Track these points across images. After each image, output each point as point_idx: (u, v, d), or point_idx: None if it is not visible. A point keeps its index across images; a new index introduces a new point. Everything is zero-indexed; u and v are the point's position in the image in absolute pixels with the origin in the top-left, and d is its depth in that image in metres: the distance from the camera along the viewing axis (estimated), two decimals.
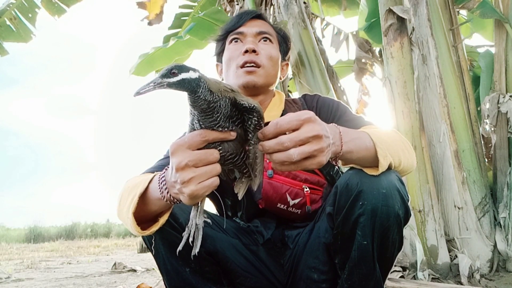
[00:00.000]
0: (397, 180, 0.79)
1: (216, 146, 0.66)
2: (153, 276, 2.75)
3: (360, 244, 0.79)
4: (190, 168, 0.63)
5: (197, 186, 0.64)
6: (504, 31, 2.26)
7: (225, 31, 1.13)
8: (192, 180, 0.63)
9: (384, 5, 2.22)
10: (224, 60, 1.11)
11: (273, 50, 1.11)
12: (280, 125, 0.64)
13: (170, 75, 0.60)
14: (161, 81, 0.60)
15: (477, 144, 2.15)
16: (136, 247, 5.65)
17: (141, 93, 0.59)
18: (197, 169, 0.63)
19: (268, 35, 1.11)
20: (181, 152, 0.64)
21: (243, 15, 1.12)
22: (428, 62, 2.15)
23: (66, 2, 3.38)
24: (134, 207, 0.75)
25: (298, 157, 0.63)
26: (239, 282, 0.95)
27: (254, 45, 1.06)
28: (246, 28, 1.10)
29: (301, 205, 0.99)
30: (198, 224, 0.71)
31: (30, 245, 8.07)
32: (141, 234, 0.78)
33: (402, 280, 1.68)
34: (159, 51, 3.02)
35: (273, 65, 1.10)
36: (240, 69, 1.05)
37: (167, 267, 0.89)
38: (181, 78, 0.60)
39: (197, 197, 0.66)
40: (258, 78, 1.06)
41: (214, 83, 0.64)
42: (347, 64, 3.41)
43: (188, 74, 0.61)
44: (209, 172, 0.64)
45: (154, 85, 0.60)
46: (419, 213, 1.97)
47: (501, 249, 1.95)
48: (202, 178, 0.64)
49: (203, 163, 0.64)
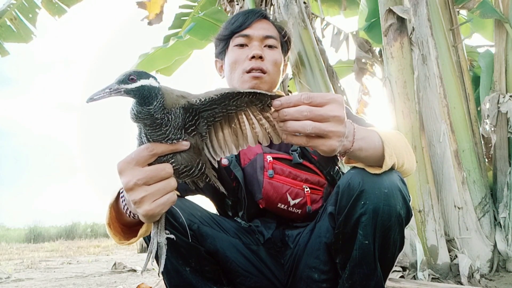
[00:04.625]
0: (399, 180, 0.79)
1: (168, 159, 0.61)
2: (153, 276, 2.75)
3: (361, 244, 0.79)
4: (140, 187, 0.59)
5: (151, 206, 0.59)
6: (504, 31, 2.26)
7: (230, 32, 1.11)
8: (144, 199, 0.59)
9: (384, 5, 2.22)
10: (228, 61, 1.10)
11: (278, 55, 1.11)
12: (306, 96, 0.62)
13: (128, 81, 0.56)
14: (118, 87, 0.56)
15: (477, 144, 2.16)
16: (136, 247, 5.64)
17: (95, 99, 0.55)
18: (149, 187, 0.59)
19: (274, 39, 1.10)
20: (129, 171, 0.59)
21: (249, 15, 1.10)
22: (428, 62, 2.15)
23: (66, 2, 3.38)
24: (108, 219, 0.74)
25: (312, 130, 0.61)
26: (239, 281, 0.95)
27: (261, 51, 1.06)
28: (253, 31, 1.09)
29: (301, 205, 0.99)
30: (160, 242, 0.65)
31: (30, 245, 8.05)
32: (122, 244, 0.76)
33: (402, 280, 1.68)
34: (159, 51, 3.02)
35: (277, 71, 1.11)
36: (246, 74, 1.05)
37: (167, 267, 0.88)
38: (140, 85, 0.56)
39: (154, 216, 0.62)
40: (263, 84, 1.06)
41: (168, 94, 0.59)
42: (347, 64, 3.41)
43: (148, 81, 0.57)
44: (163, 189, 0.60)
45: (110, 91, 0.55)
46: (419, 213, 1.97)
47: (501, 249, 1.95)
48: (156, 196, 0.59)
49: (154, 180, 0.59)
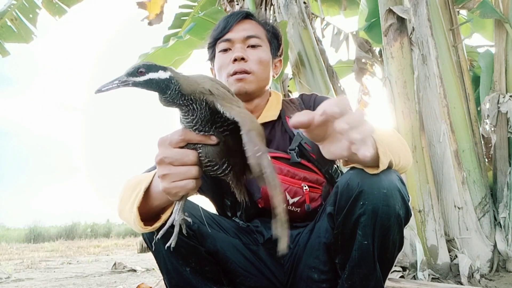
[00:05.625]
0: (397, 180, 0.79)
1: (197, 148, 0.63)
2: (153, 276, 2.75)
3: (360, 244, 0.79)
4: (166, 164, 0.63)
5: (170, 185, 0.63)
6: (504, 31, 2.26)
7: (213, 39, 1.11)
8: (166, 177, 0.63)
9: (384, 5, 2.22)
10: (216, 68, 1.11)
11: (263, 53, 1.09)
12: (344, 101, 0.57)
13: (137, 74, 0.57)
14: (126, 80, 0.57)
15: (477, 144, 2.15)
16: (136, 247, 5.65)
17: (103, 91, 0.56)
18: (172, 168, 0.63)
19: (257, 38, 1.09)
20: (162, 147, 0.64)
21: (229, 19, 1.10)
22: (428, 62, 2.15)
23: (67, 2, 3.39)
24: (139, 201, 0.75)
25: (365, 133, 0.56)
26: (239, 281, 0.95)
27: (242, 53, 1.05)
28: (233, 34, 1.08)
29: (300, 204, 0.99)
30: (176, 220, 0.69)
31: (30, 245, 8.06)
32: (144, 230, 0.78)
33: (402, 280, 1.68)
34: (159, 51, 3.02)
35: (264, 68, 1.09)
36: (231, 77, 1.05)
37: (167, 267, 0.89)
38: (148, 78, 0.57)
39: (172, 195, 0.65)
40: (249, 85, 1.05)
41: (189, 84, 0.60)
42: (347, 64, 3.41)
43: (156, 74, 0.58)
44: (183, 173, 0.63)
45: (118, 83, 0.57)
46: (419, 213, 1.97)
47: (501, 249, 1.95)
48: (176, 178, 0.63)
49: (178, 162, 0.62)
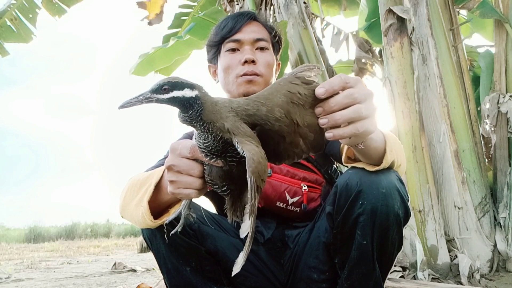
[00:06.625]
0: (396, 180, 0.79)
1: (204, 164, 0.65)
2: (153, 276, 2.75)
3: (359, 244, 0.79)
4: (174, 171, 0.65)
5: (175, 190, 0.66)
6: (504, 31, 2.26)
7: (220, 37, 1.10)
8: (172, 183, 0.66)
9: (384, 5, 2.21)
10: (221, 67, 1.11)
11: (270, 57, 1.11)
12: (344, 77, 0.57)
13: (161, 91, 0.56)
14: (150, 96, 0.56)
15: (477, 144, 2.15)
16: (136, 247, 5.65)
17: (126, 107, 0.56)
18: (179, 176, 0.65)
19: (264, 41, 1.10)
20: (173, 155, 0.66)
21: (238, 19, 1.10)
22: (428, 62, 2.15)
23: (66, 2, 3.39)
24: (150, 195, 0.76)
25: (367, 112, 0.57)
26: (239, 281, 0.95)
27: (253, 55, 1.07)
28: (243, 35, 1.08)
29: (300, 203, 1.00)
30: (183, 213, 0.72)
31: (30, 245, 8.06)
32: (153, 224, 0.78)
33: (402, 280, 1.68)
34: (159, 51, 3.02)
35: (270, 72, 1.12)
36: (240, 78, 1.06)
37: (167, 266, 0.89)
38: (171, 96, 0.56)
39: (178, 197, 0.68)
40: (257, 87, 1.06)
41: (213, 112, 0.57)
42: (347, 64, 3.40)
43: (181, 92, 0.56)
44: (188, 183, 0.65)
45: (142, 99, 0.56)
46: (419, 213, 1.97)
47: (501, 249, 1.95)
48: (180, 186, 0.66)
49: (185, 172, 0.65)
